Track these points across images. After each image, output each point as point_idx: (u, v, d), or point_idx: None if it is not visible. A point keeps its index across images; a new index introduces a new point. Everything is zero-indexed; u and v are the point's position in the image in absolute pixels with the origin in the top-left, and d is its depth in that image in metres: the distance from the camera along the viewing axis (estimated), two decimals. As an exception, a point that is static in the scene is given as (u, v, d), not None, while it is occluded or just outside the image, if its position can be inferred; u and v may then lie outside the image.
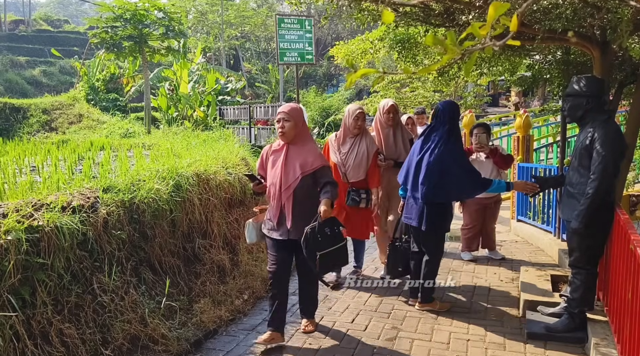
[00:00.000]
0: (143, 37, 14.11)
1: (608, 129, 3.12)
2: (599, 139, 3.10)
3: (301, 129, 3.38)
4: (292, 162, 3.30)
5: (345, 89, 20.14)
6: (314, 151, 3.36)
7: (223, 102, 18.82)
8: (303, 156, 3.30)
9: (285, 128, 3.30)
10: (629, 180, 5.83)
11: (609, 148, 3.06)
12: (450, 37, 1.08)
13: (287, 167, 3.30)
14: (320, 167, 3.31)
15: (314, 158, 3.30)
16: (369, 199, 4.44)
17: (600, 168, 3.06)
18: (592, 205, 3.10)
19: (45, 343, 2.76)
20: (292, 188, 3.26)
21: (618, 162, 3.15)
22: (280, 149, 3.40)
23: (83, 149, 6.90)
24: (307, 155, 3.30)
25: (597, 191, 3.07)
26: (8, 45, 33.97)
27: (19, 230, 2.73)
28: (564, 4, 3.13)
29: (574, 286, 3.34)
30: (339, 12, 4.24)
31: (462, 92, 12.64)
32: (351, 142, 4.46)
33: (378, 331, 3.65)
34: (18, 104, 18.65)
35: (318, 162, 3.30)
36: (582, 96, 3.23)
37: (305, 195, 3.31)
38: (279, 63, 9.28)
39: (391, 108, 4.57)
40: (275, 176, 3.34)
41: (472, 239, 5.30)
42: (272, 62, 28.92)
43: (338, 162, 4.44)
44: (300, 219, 3.27)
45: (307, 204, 3.30)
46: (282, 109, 3.35)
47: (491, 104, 21.17)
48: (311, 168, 3.27)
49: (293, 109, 3.36)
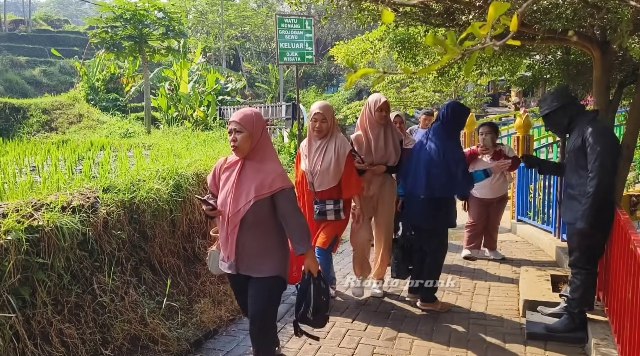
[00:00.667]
0: (143, 37, 14.11)
1: (596, 126, 3.17)
2: (589, 137, 3.14)
3: (260, 142, 2.69)
4: (246, 182, 2.65)
5: (345, 89, 20.15)
6: (274, 169, 2.67)
7: (223, 102, 18.81)
8: (261, 175, 2.64)
9: (237, 141, 2.63)
10: (629, 180, 5.83)
11: (602, 144, 3.09)
12: (450, 37, 1.08)
13: (239, 188, 2.65)
14: (280, 191, 2.62)
15: (273, 178, 2.62)
16: (337, 209, 3.84)
17: (597, 165, 3.08)
18: (595, 203, 3.10)
19: (45, 343, 2.76)
20: (241, 214, 2.62)
21: (614, 157, 3.17)
22: (234, 164, 2.75)
23: (83, 149, 6.90)
24: (265, 174, 2.64)
25: (597, 189, 3.07)
26: (8, 45, 33.97)
27: (19, 230, 2.73)
28: (564, 4, 3.13)
29: (574, 286, 3.34)
30: (339, 12, 4.22)
31: (462, 92, 12.65)
32: (318, 145, 3.86)
33: (378, 331, 3.65)
34: (18, 104, 18.64)
35: (277, 183, 2.62)
36: (558, 110, 3.34)
37: (259, 223, 2.65)
38: (279, 63, 9.27)
39: (384, 105, 4.03)
40: (225, 197, 2.70)
41: (475, 237, 5.37)
42: (272, 62, 28.92)
43: (306, 169, 3.87)
44: (246, 252, 2.67)
45: (258, 234, 2.67)
46: (233, 118, 2.68)
47: (491, 104, 21.18)
48: (269, 191, 2.60)
49: (247, 117, 2.66)
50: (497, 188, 5.16)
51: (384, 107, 4.05)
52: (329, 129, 3.85)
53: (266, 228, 2.67)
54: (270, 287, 2.71)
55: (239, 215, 2.62)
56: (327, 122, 3.81)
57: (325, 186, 3.80)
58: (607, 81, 3.73)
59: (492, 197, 5.18)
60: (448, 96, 12.17)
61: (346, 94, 22.32)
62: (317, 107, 3.83)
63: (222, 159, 2.88)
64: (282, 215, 2.67)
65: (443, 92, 12.01)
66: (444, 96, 12.24)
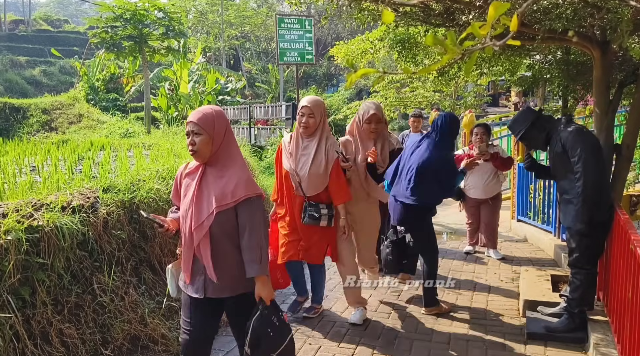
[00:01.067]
0: (143, 37, 14.11)
1: (572, 129, 3.26)
2: (568, 140, 3.23)
3: (222, 144, 2.36)
4: (207, 191, 2.32)
5: (345, 89, 20.15)
6: (238, 175, 2.33)
7: (223, 102, 18.83)
8: (223, 182, 2.31)
9: (196, 145, 2.31)
10: (629, 180, 5.83)
11: (581, 144, 3.17)
12: (450, 37, 1.08)
13: (200, 198, 2.32)
14: (243, 200, 2.29)
15: (235, 186, 2.29)
16: (331, 215, 3.55)
17: (580, 165, 3.16)
18: (587, 202, 3.15)
19: (45, 343, 2.76)
20: (205, 227, 2.29)
21: (596, 153, 3.21)
22: (195, 170, 2.42)
23: (83, 149, 6.90)
24: (227, 181, 2.31)
25: (585, 188, 3.14)
26: (8, 45, 34.00)
27: (19, 230, 2.73)
28: (564, 4, 3.13)
29: (574, 286, 3.35)
30: (339, 12, 4.22)
31: (462, 92, 12.63)
32: (306, 144, 3.54)
33: (378, 331, 3.65)
34: (18, 104, 18.66)
35: (240, 192, 2.29)
36: (530, 129, 3.45)
37: (227, 237, 2.33)
38: (279, 63, 9.28)
39: (373, 117, 3.66)
40: (186, 209, 2.37)
41: (473, 233, 5.62)
42: (272, 62, 28.93)
43: (291, 169, 3.52)
44: (221, 270, 2.35)
45: (228, 249, 2.34)
46: (190, 118, 2.35)
47: (491, 104, 21.15)
48: (231, 200, 2.28)
49: (206, 117, 2.33)
50: (489, 188, 5.30)
51: (373, 119, 3.67)
52: (317, 126, 3.50)
53: (234, 240, 2.33)
54: (248, 305, 2.38)
55: (202, 229, 2.29)
56: (314, 118, 3.47)
57: (315, 191, 3.52)
58: (607, 81, 3.73)
59: (485, 197, 5.34)
60: (448, 96, 12.17)
61: (346, 94, 22.31)
62: (305, 101, 3.54)
63: (183, 166, 2.52)
64: (241, 227, 2.31)
65: (443, 92, 12.00)
66: (444, 96, 12.23)
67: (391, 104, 12.15)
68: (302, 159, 3.50)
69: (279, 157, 3.67)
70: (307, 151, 3.50)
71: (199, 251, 2.34)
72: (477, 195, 5.34)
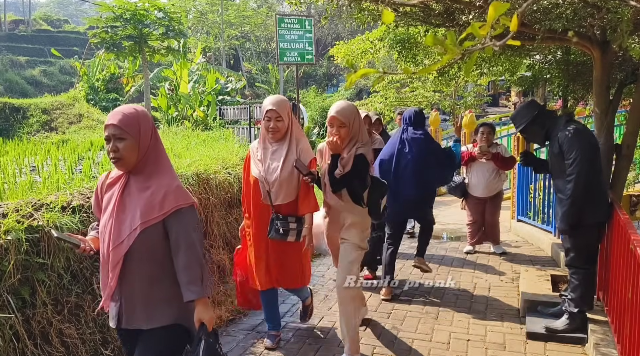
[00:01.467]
0: (143, 37, 14.12)
1: (570, 129, 3.25)
2: (565, 141, 3.24)
3: (149, 150, 2.04)
4: (131, 204, 2.00)
5: (345, 89, 20.18)
6: (166, 183, 2.02)
7: (223, 102, 18.82)
8: (148, 193, 1.98)
9: (119, 151, 1.97)
10: (629, 180, 5.83)
11: (576, 146, 3.17)
12: (450, 37, 1.08)
13: (122, 213, 2.00)
14: (174, 211, 1.98)
15: (164, 195, 1.98)
16: (300, 229, 3.14)
17: (573, 168, 3.17)
18: (575, 204, 3.19)
19: (45, 343, 2.76)
20: (124, 248, 1.96)
21: (591, 156, 3.21)
22: (116, 180, 2.08)
23: (83, 149, 6.90)
24: (155, 192, 1.98)
25: (574, 191, 3.16)
26: (8, 45, 34.00)
27: (19, 230, 2.73)
28: (564, 4, 3.13)
29: (572, 286, 3.36)
30: (339, 12, 4.22)
31: (462, 92, 12.64)
32: (275, 148, 3.17)
33: (378, 331, 3.65)
34: (18, 104, 18.66)
35: (170, 202, 1.98)
36: (533, 121, 3.43)
37: (150, 258, 2.00)
38: (279, 63, 9.29)
39: (333, 120, 3.04)
40: (104, 225, 2.04)
41: (474, 232, 5.60)
42: (272, 62, 28.93)
43: (260, 176, 3.15)
44: (134, 297, 2.03)
45: (150, 272, 2.01)
46: (110, 121, 1.98)
47: (491, 104, 21.14)
48: (159, 213, 1.97)
49: (129, 119, 1.99)
50: (492, 186, 5.37)
51: (334, 123, 3.03)
52: (287, 129, 3.17)
53: (160, 262, 2.02)
54: (164, 341, 2.04)
55: (122, 249, 1.96)
56: (282, 121, 3.12)
57: (285, 199, 3.13)
58: (607, 81, 3.73)
59: (487, 195, 5.39)
60: (448, 96, 12.18)
61: (346, 94, 22.33)
62: (269, 103, 3.14)
63: (105, 174, 2.18)
64: (174, 243, 1.99)
65: (443, 92, 12.01)
66: (444, 96, 12.24)
67: (391, 104, 12.16)
68: (272, 165, 3.13)
69: (247, 165, 3.30)
70: (277, 155, 3.14)
71: (114, 274, 1.98)
72: (480, 193, 5.39)
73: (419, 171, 4.05)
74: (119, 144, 1.97)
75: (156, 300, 2.04)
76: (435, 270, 4.94)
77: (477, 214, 5.49)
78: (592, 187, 3.19)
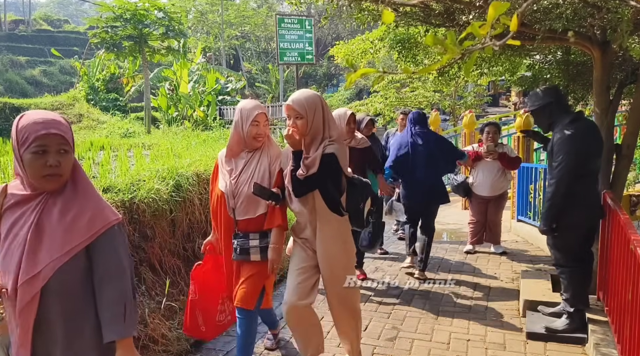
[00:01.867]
0: (143, 37, 14.14)
1: (565, 132, 3.22)
2: (557, 143, 3.23)
3: (75, 163, 1.71)
4: (49, 229, 1.63)
5: (345, 89, 20.18)
6: (94, 201, 1.71)
7: (223, 102, 18.84)
8: (71, 215, 1.65)
9: (60, 166, 1.64)
10: (629, 180, 5.83)
11: (563, 152, 3.17)
12: (450, 37, 1.08)
13: (37, 240, 1.62)
14: (104, 233, 1.67)
15: (92, 214, 1.66)
16: (264, 246, 2.75)
17: (556, 173, 3.18)
18: (551, 208, 3.22)
19: (45, 343, 2.75)
20: (40, 282, 1.60)
21: (578, 164, 3.17)
22: (25, 202, 1.67)
23: (83, 149, 6.89)
24: (79, 213, 1.65)
25: (554, 194, 3.19)
26: (8, 45, 34.04)
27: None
28: (564, 4, 3.13)
29: (564, 285, 3.39)
30: (339, 12, 4.22)
31: (462, 92, 12.65)
32: (246, 159, 2.83)
33: (378, 331, 3.65)
34: (18, 104, 18.68)
35: (98, 221, 1.66)
36: (543, 107, 3.39)
37: (70, 295, 1.66)
38: (279, 63, 9.30)
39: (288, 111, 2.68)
40: (9, 257, 1.64)
41: (476, 232, 5.58)
42: (272, 62, 28.94)
43: (227, 190, 2.79)
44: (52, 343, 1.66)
45: (70, 312, 1.66)
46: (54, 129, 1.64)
47: (491, 104, 21.16)
48: (88, 235, 1.64)
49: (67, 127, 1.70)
50: (497, 186, 5.36)
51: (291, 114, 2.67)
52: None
53: (83, 300, 1.68)
54: None
55: (37, 284, 1.60)
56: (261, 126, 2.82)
57: (250, 214, 2.77)
58: (607, 81, 3.73)
59: (492, 195, 5.38)
60: (448, 96, 12.19)
61: (346, 94, 22.36)
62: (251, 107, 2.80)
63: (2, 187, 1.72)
64: (98, 272, 1.67)
65: (443, 92, 12.02)
66: (444, 96, 12.25)
67: (391, 104, 12.17)
68: (240, 176, 2.79)
69: (214, 178, 2.97)
70: (247, 166, 2.81)
71: (22, 316, 1.61)
72: (485, 193, 5.37)
73: (430, 156, 4.61)
74: (61, 158, 1.63)
75: (80, 344, 1.69)
76: (435, 270, 4.94)
77: (480, 214, 5.47)
78: (576, 192, 3.19)
